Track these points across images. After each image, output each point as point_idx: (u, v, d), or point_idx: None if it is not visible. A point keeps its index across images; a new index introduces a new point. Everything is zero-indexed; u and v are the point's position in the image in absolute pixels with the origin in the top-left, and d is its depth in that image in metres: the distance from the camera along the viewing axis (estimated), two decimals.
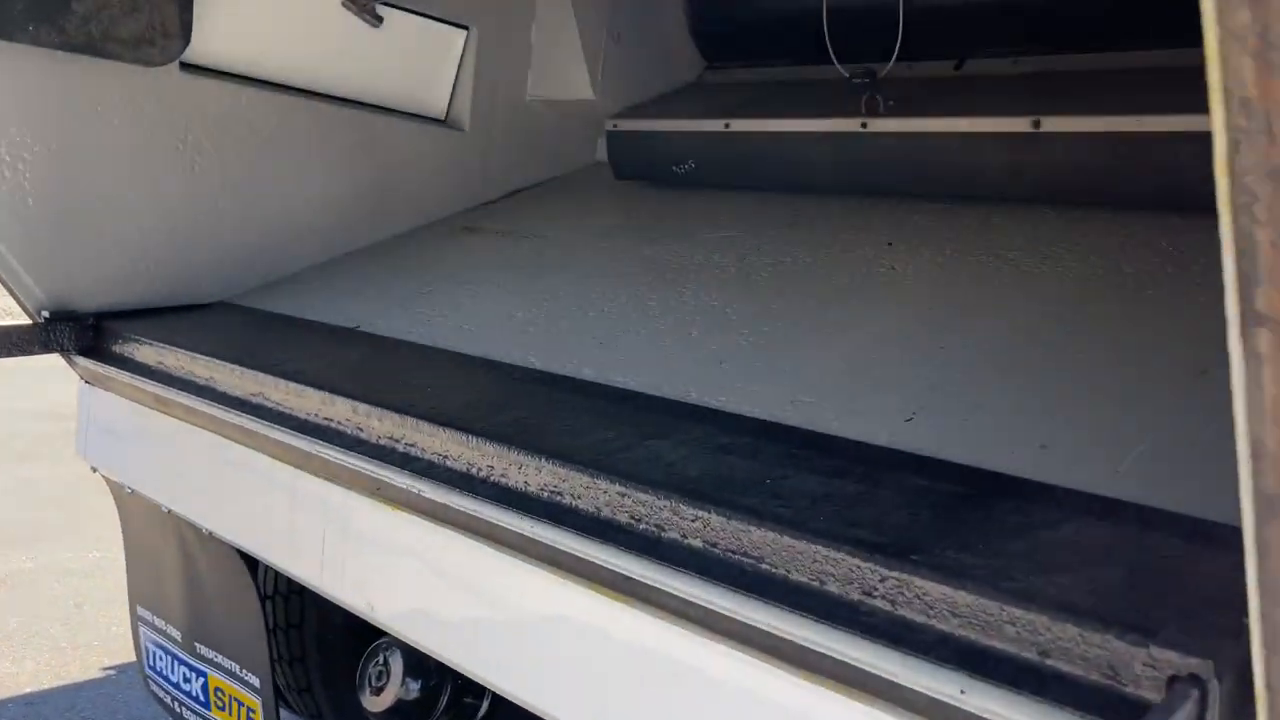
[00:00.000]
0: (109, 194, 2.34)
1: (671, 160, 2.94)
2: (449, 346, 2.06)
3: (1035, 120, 2.17)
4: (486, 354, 1.97)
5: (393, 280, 2.57)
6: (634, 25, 3.20)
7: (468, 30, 3.09)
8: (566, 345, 1.98)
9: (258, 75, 2.61)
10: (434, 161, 3.06)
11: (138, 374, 2.17)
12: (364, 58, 2.86)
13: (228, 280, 2.61)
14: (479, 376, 1.86)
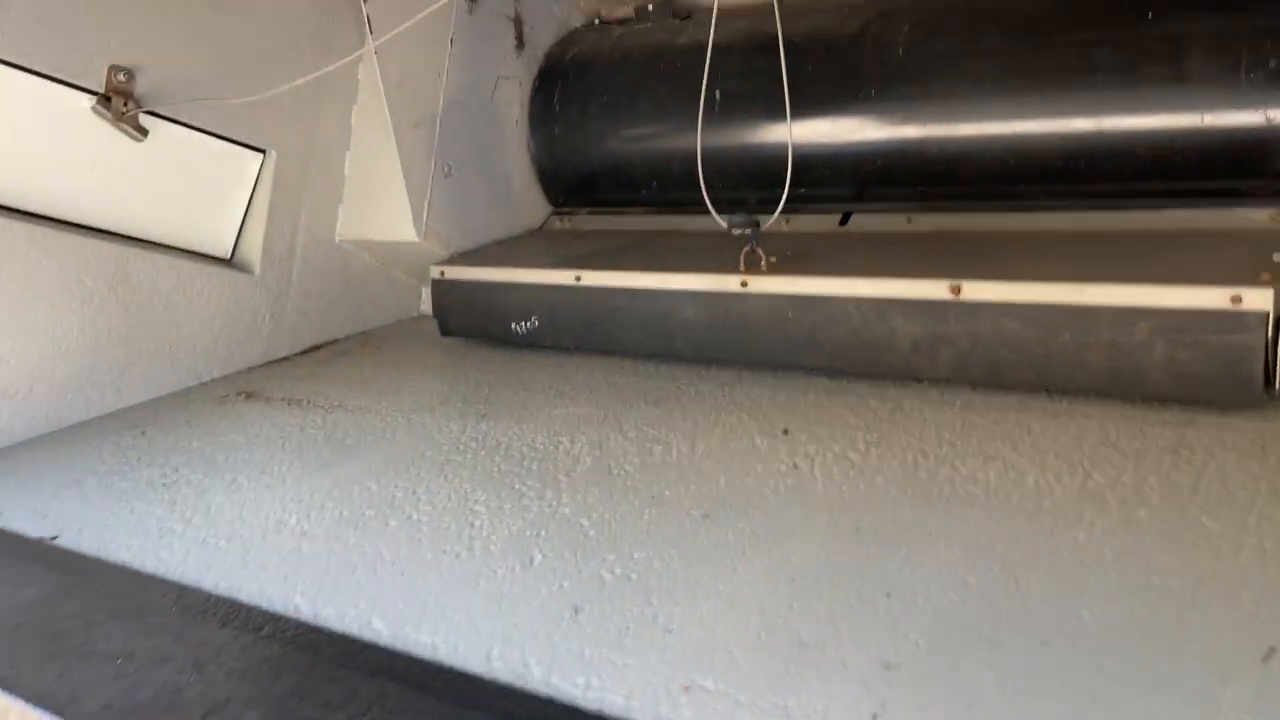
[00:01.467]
0: None
1: (510, 317, 2.43)
2: (177, 575, 1.43)
3: (955, 285, 1.78)
4: (231, 591, 1.35)
5: (130, 465, 1.92)
6: (470, 159, 2.74)
7: (264, 154, 2.55)
8: (354, 578, 1.39)
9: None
10: (210, 309, 2.45)
11: None
12: (120, 179, 2.27)
13: None
14: (208, 634, 1.24)
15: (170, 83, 2.30)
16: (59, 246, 2.15)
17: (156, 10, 2.25)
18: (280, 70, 2.44)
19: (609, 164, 2.84)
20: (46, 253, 2.13)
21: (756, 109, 2.49)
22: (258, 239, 2.56)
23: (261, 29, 2.48)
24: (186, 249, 2.44)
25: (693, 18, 2.82)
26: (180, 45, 2.31)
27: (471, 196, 2.76)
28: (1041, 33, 2.15)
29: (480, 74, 2.77)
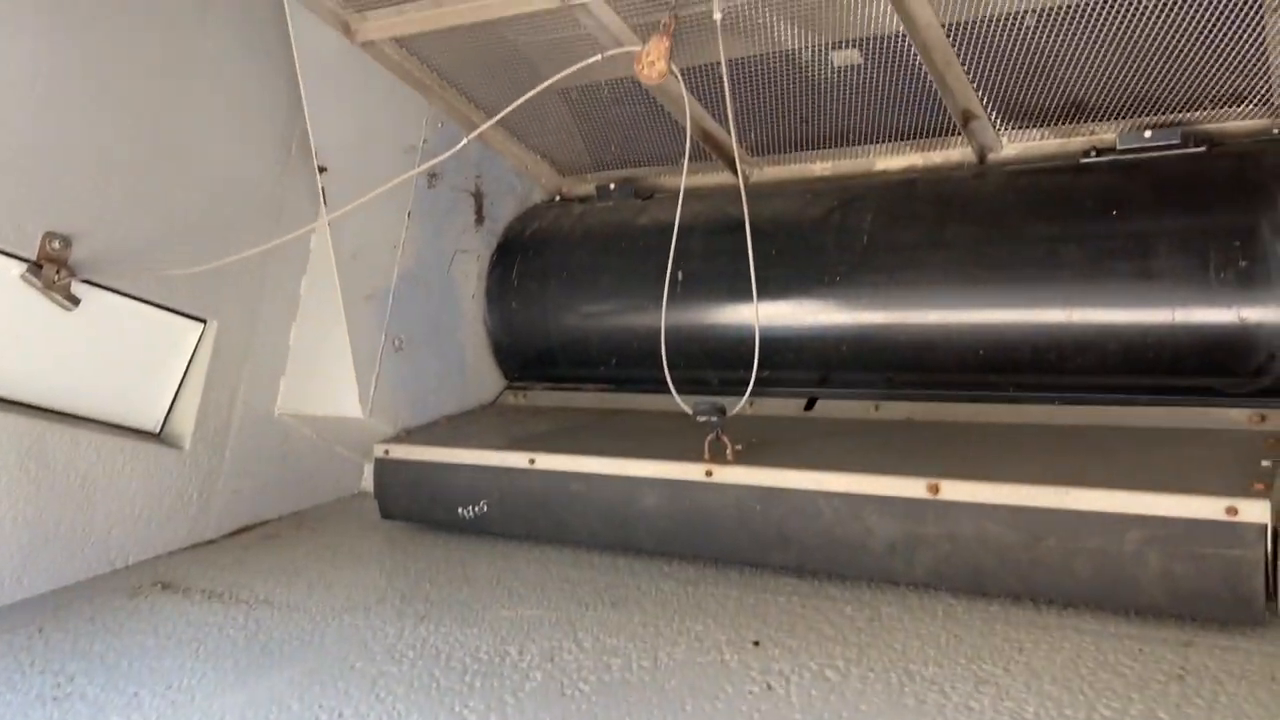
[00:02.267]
0: None
1: (457, 500, 2.29)
2: None
3: (933, 484, 1.69)
4: None
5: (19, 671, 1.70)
6: (423, 332, 2.64)
7: (205, 324, 2.43)
8: None
9: None
10: (133, 489, 2.27)
11: None
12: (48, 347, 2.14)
13: None
14: None
15: (110, 250, 2.19)
16: None
17: (101, 174, 2.17)
18: (228, 238, 2.36)
19: (567, 339, 2.76)
20: None
21: (719, 290, 2.44)
22: (191, 412, 2.41)
23: (212, 196, 2.40)
24: (112, 422, 2.28)
25: (654, 198, 2.81)
26: (124, 211, 2.22)
27: (422, 370, 2.65)
28: (1005, 225, 2.15)
29: (438, 247, 2.71)
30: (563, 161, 2.98)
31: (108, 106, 2.17)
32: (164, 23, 2.27)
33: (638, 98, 2.54)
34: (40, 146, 2.06)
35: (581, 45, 2.27)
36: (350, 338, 2.44)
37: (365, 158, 2.44)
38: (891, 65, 2.19)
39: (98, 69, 2.14)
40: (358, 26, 2.35)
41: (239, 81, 2.45)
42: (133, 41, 2.21)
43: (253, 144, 2.50)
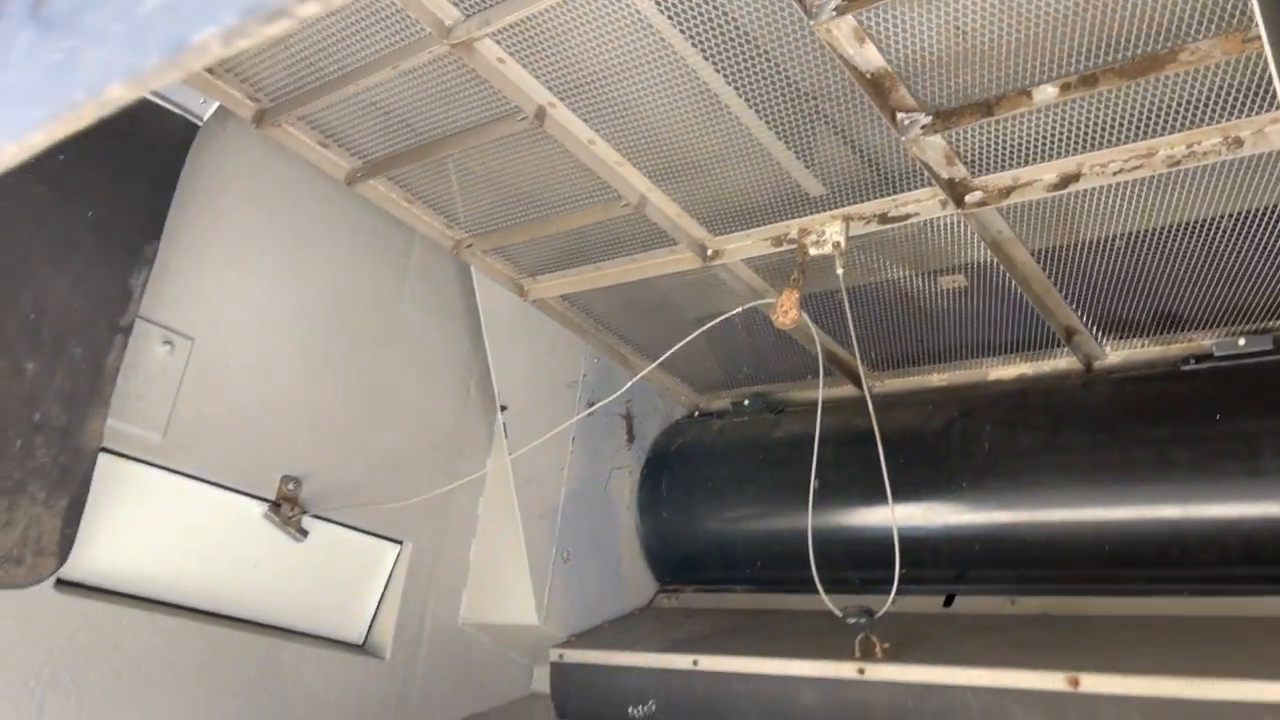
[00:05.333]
0: None
1: (627, 700, 2.51)
2: None
3: (1072, 678, 1.85)
4: None
5: None
6: (585, 544, 2.95)
7: (401, 545, 2.79)
8: None
9: (150, 595, 2.22)
10: (343, 695, 2.58)
11: None
12: (278, 573, 2.51)
13: None
14: None
15: (329, 487, 2.59)
16: (216, 639, 2.34)
17: (323, 425, 2.60)
18: (419, 469, 2.75)
19: (713, 544, 3.02)
20: (205, 643, 2.32)
21: (854, 495, 2.69)
22: (390, 624, 2.73)
23: (406, 435, 2.81)
24: (327, 636, 2.62)
25: (785, 411, 3.11)
26: (340, 453, 2.63)
27: (586, 579, 2.94)
28: (1116, 430, 2.36)
29: (595, 466, 3.05)
30: (699, 381, 3.33)
31: (328, 369, 2.62)
32: (372, 295, 2.75)
33: (767, 328, 2.88)
34: (278, 405, 2.50)
35: (720, 290, 2.65)
36: (527, 553, 2.76)
37: (536, 394, 2.84)
38: (994, 290, 2.49)
39: (322, 338, 2.61)
40: (530, 287, 2.79)
41: (428, 339, 2.91)
42: (349, 313, 2.69)
43: (439, 390, 2.93)
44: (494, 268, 2.73)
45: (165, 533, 2.29)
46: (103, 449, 2.07)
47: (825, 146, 2.12)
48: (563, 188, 2.36)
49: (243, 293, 2.44)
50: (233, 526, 2.43)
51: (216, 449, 2.37)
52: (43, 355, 1.88)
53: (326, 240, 2.64)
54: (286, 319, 2.55)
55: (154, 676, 2.19)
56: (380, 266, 2.78)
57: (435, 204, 2.53)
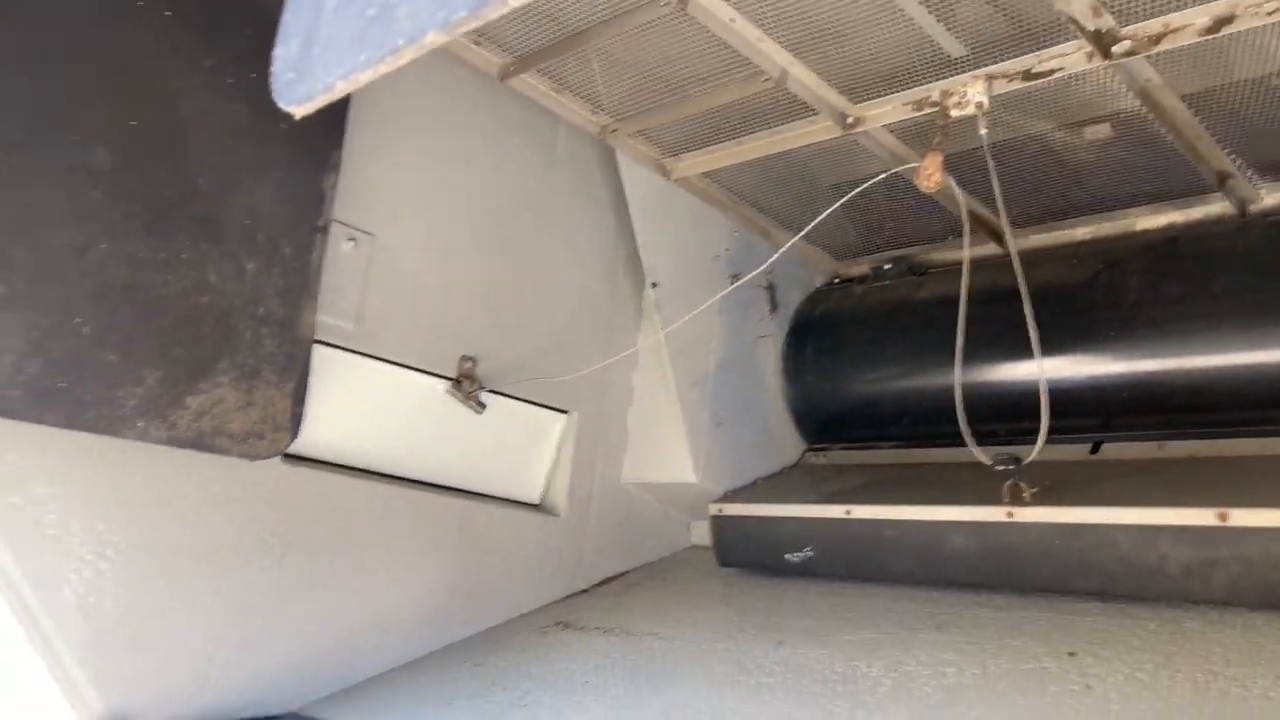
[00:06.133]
0: (187, 594, 2.14)
1: (784, 548, 2.72)
2: None
3: (1222, 513, 1.94)
4: None
5: (488, 688, 2.28)
6: (735, 408, 3.13)
7: (568, 415, 3.03)
8: None
9: (360, 464, 2.51)
10: (527, 549, 2.87)
11: None
12: (464, 443, 2.78)
13: (302, 686, 2.33)
14: None
15: (502, 364, 2.83)
16: (416, 502, 2.64)
17: (494, 310, 2.82)
18: (579, 347, 2.96)
19: (858, 404, 3.16)
20: (408, 506, 2.62)
21: (999, 351, 2.76)
22: (563, 486, 3.00)
23: (567, 317, 3.01)
24: (509, 498, 2.90)
25: (928, 273, 3.17)
26: (509, 336, 2.85)
27: (738, 440, 3.13)
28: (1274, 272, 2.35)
29: (741, 335, 3.20)
30: (837, 248, 3.41)
31: (493, 255, 2.82)
32: (526, 184, 2.92)
33: (908, 191, 2.93)
34: (452, 290, 2.72)
35: (860, 156, 2.71)
36: (682, 418, 2.96)
37: (683, 270, 2.98)
38: (1141, 139, 2.47)
39: (485, 227, 2.80)
40: (673, 167, 2.90)
41: (579, 223, 3.07)
42: (507, 203, 2.86)
43: (592, 271, 3.10)
44: (638, 150, 2.85)
45: (364, 410, 2.56)
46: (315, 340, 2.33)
47: (966, 5, 2.13)
48: (704, 67, 2.44)
49: (413, 189, 2.64)
50: (421, 403, 2.69)
51: (402, 333, 2.61)
52: (260, 256, 2.12)
53: (482, 134, 2.80)
54: (453, 211, 2.74)
55: (369, 535, 2.50)
56: (531, 156, 2.94)
57: (580, 92, 2.65)
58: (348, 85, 0.75)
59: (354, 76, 0.73)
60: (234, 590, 2.21)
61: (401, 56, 0.69)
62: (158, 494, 2.08)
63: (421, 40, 0.67)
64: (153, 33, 2.02)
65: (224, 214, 2.06)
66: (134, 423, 1.96)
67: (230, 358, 2.07)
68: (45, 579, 1.96)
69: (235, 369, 2.08)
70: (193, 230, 2.03)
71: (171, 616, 2.12)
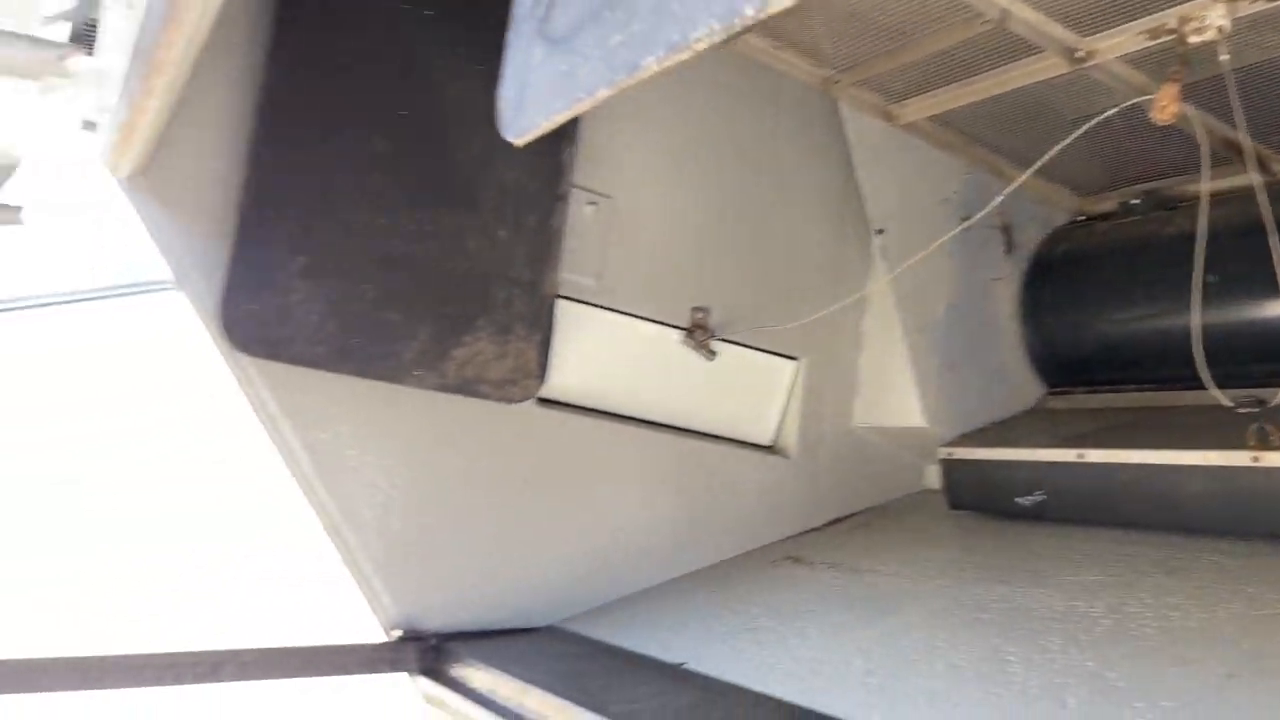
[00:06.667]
0: (460, 519, 2.49)
1: (1014, 491, 2.72)
2: (779, 694, 1.90)
3: None
4: (820, 707, 1.79)
5: (719, 612, 2.48)
6: (966, 352, 3.13)
7: (797, 361, 3.15)
8: (915, 703, 1.76)
9: (603, 408, 2.77)
10: (759, 488, 3.04)
11: (473, 700, 2.17)
12: (697, 389, 2.97)
13: (558, 604, 2.64)
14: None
15: (731, 313, 2.99)
16: (654, 442, 2.87)
17: (724, 262, 2.98)
18: (807, 295, 3.06)
19: (1102, 345, 3.07)
20: (647, 446, 2.85)
21: (1255, 289, 2.60)
22: (793, 429, 3.13)
23: (794, 266, 3.12)
24: (741, 440, 3.08)
25: (1178, 208, 3.01)
26: (739, 286, 3.00)
27: (969, 385, 3.13)
28: None
29: (974, 278, 3.18)
30: (1081, 185, 3.29)
31: (722, 209, 2.97)
32: (752, 139, 3.04)
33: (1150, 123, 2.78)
34: (684, 245, 2.90)
35: (1095, 90, 2.62)
36: (911, 363, 3.00)
37: (910, 215, 3.01)
38: None
39: (714, 183, 2.96)
40: (898, 113, 2.93)
41: (804, 174, 3.15)
42: (733, 158, 3.00)
43: (818, 220, 3.19)
44: (861, 99, 2.89)
45: (606, 358, 2.81)
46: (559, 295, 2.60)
47: None
48: (923, 13, 2.45)
49: (645, 150, 2.83)
50: (657, 351, 2.91)
51: (638, 287, 2.83)
52: (509, 225, 2.40)
53: (708, 93, 2.95)
54: (684, 170, 2.92)
55: (613, 471, 2.76)
56: (755, 113, 3.05)
57: (802, 48, 2.73)
58: (550, 123, 0.93)
59: (553, 116, 0.92)
60: (498, 515, 2.53)
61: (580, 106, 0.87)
62: (432, 433, 2.43)
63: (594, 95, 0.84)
64: (418, 30, 2.32)
65: (479, 190, 2.34)
66: (411, 371, 2.30)
67: (487, 315, 2.37)
68: (348, 503, 2.35)
69: (491, 325, 2.38)
70: (454, 205, 2.33)
71: (447, 537, 2.47)
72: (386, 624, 2.41)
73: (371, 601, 2.42)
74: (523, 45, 0.91)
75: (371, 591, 2.40)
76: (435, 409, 2.42)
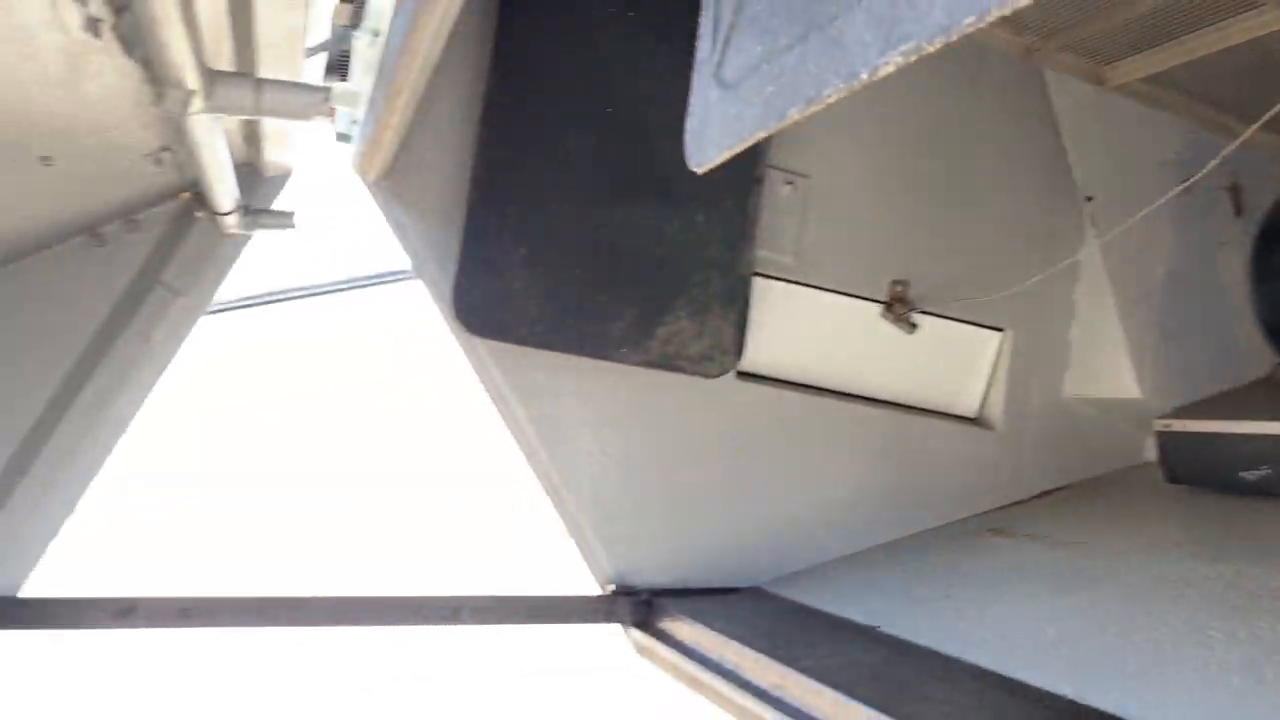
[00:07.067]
0: (668, 485, 2.67)
1: (1238, 465, 2.61)
2: (969, 659, 1.96)
3: None
4: (1010, 672, 1.84)
5: (915, 579, 2.55)
6: (1190, 319, 3.00)
7: (1002, 332, 3.13)
8: (1105, 674, 1.78)
9: (801, 380, 2.88)
10: (961, 460, 3.05)
11: (680, 652, 2.35)
12: (897, 361, 3.02)
13: (760, 567, 2.78)
14: (997, 698, 1.74)
15: (932, 285, 3.01)
16: (853, 414, 2.94)
17: (924, 234, 3.00)
18: (1013, 264, 3.02)
19: None
20: (846, 417, 2.93)
21: None
22: (999, 400, 3.12)
23: (999, 235, 3.09)
24: (943, 412, 3.10)
25: None
26: (940, 258, 3.02)
27: (1189, 353, 3.00)
28: None
29: (1196, 243, 3.03)
30: None
31: (922, 181, 2.99)
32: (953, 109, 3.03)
33: None
34: (883, 219, 2.95)
35: None
36: (1126, 332, 2.92)
37: (1123, 179, 2.91)
38: None
39: (913, 156, 2.98)
40: (1109, 75, 2.83)
41: (1007, 142, 3.10)
42: (934, 129, 3.00)
43: (1020, 189, 3.13)
44: (1068, 64, 2.82)
45: (804, 333, 2.91)
46: (754, 273, 2.72)
47: None
48: None
49: (843, 128, 2.89)
50: (855, 325, 2.97)
51: (836, 263, 2.90)
52: (706, 210, 2.54)
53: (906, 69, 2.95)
54: (882, 144, 2.96)
55: (811, 441, 2.86)
56: (955, 82, 3.03)
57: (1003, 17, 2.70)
58: (722, 157, 1.07)
59: (724, 152, 1.05)
60: (703, 482, 2.70)
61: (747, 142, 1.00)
62: (640, 405, 2.62)
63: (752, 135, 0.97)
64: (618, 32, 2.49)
65: (676, 179, 2.49)
66: (619, 349, 2.50)
67: (685, 295, 2.53)
68: (567, 469, 2.59)
69: (690, 304, 2.54)
70: (654, 195, 2.50)
71: (657, 502, 2.67)
72: (602, 579, 2.64)
73: (588, 558, 2.66)
74: (702, 86, 1.06)
75: (588, 549, 2.64)
76: (643, 383, 2.61)
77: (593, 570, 2.69)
